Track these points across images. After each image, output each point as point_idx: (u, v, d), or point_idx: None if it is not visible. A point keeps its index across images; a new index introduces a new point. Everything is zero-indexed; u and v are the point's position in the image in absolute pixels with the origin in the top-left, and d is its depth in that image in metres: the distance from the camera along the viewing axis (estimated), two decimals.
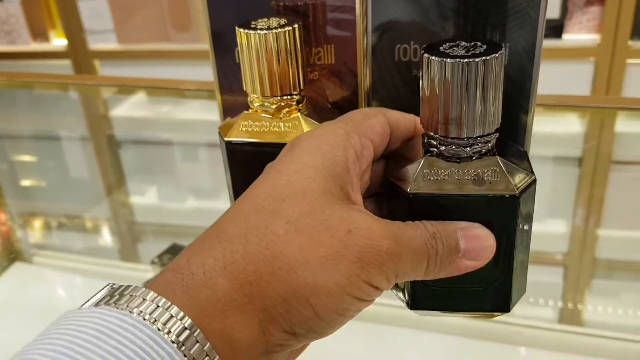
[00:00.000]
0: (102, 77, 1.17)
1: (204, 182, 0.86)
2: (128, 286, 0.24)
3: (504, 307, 0.31)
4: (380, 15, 0.34)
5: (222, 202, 0.68)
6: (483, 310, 0.32)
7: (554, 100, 0.75)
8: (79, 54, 1.45)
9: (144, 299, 0.23)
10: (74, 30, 1.43)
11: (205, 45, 1.39)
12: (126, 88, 0.99)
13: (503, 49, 0.27)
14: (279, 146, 0.33)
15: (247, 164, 0.35)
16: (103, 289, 0.25)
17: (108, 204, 0.82)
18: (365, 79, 0.36)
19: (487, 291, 0.31)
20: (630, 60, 1.24)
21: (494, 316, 0.33)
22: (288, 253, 0.24)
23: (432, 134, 0.29)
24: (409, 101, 0.36)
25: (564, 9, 1.28)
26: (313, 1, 0.35)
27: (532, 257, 0.32)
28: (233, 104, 0.39)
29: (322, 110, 0.36)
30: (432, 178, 0.29)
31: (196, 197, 0.83)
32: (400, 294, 0.32)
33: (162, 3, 1.33)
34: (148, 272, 0.64)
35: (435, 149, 0.29)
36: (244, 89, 0.35)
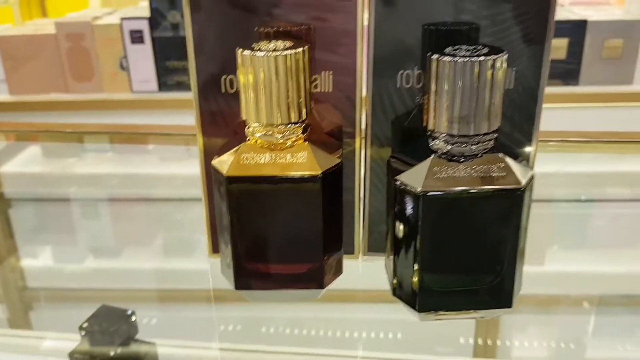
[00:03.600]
0: None
1: (105, 239, 0.79)
2: None
3: (508, 303, 0.32)
4: (382, 39, 0.33)
5: (125, 261, 0.63)
6: (487, 308, 0.33)
7: None
8: None
9: None
10: None
11: (109, 94, 1.32)
12: (21, 134, 0.90)
13: (504, 51, 0.29)
14: (287, 180, 0.31)
15: (250, 200, 0.31)
16: None
17: None
18: (364, 107, 0.35)
19: (491, 288, 0.32)
20: None
21: (498, 314, 0.34)
22: None
23: (439, 133, 0.30)
24: (409, 129, 0.35)
25: None
26: (306, 25, 0.33)
27: None
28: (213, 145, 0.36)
29: (319, 142, 0.34)
30: (441, 176, 0.30)
31: (96, 257, 0.77)
32: (406, 300, 0.33)
33: (59, 52, 1.26)
34: (42, 339, 0.57)
35: (441, 149, 0.30)
36: (243, 117, 0.32)
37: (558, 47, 1.24)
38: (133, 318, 0.47)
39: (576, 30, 1.23)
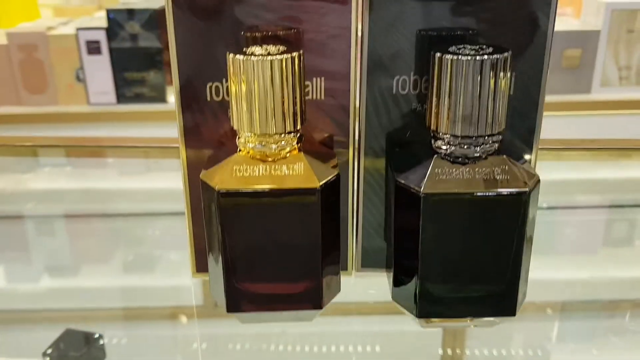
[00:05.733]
0: None
1: (61, 257, 0.76)
2: None
3: (511, 311, 0.31)
4: (378, 44, 0.32)
5: (83, 279, 0.60)
6: (489, 315, 0.32)
7: None
8: None
9: None
10: None
11: (64, 107, 1.27)
12: None
13: (509, 50, 0.28)
14: (284, 193, 0.29)
15: (244, 216, 0.29)
16: None
17: None
18: (358, 114, 0.33)
19: (493, 295, 0.31)
20: None
21: (500, 322, 0.33)
22: None
23: (441, 133, 0.29)
24: (406, 138, 0.33)
25: None
26: (295, 29, 0.32)
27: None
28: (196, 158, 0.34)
29: (311, 153, 0.32)
30: (443, 177, 0.29)
31: (52, 276, 0.74)
32: (405, 305, 0.32)
33: (12, 64, 1.21)
34: None
35: (443, 150, 0.30)
36: (234, 127, 0.30)
37: None
38: (100, 342, 0.45)
39: None
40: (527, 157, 0.34)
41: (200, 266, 0.36)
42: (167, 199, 0.68)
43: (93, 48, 1.18)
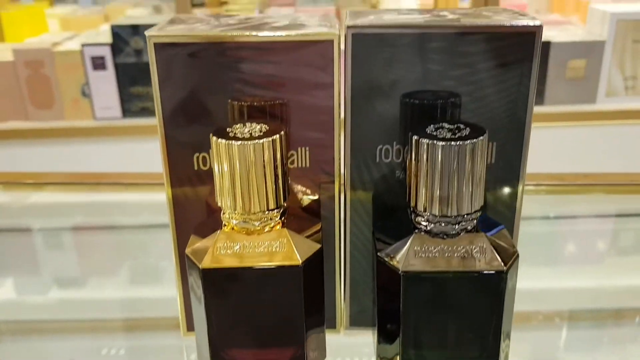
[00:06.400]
0: None
1: (69, 270, 0.77)
2: None
3: None
4: (360, 115, 0.32)
5: (90, 290, 0.61)
6: None
7: None
8: None
9: None
10: None
11: (71, 122, 1.27)
12: None
13: (486, 132, 0.29)
14: (267, 271, 0.29)
15: (229, 292, 0.30)
16: None
17: None
18: (343, 181, 0.34)
19: None
20: None
21: None
22: None
23: (420, 211, 0.30)
24: (390, 204, 0.34)
25: None
26: (280, 100, 0.32)
27: None
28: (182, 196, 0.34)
29: (296, 219, 0.33)
30: (422, 255, 0.30)
31: (61, 287, 0.75)
32: None
33: (19, 79, 1.22)
34: None
35: (423, 226, 0.30)
36: (218, 204, 0.30)
37: None
38: None
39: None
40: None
41: (191, 326, 0.37)
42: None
43: (98, 64, 1.19)
